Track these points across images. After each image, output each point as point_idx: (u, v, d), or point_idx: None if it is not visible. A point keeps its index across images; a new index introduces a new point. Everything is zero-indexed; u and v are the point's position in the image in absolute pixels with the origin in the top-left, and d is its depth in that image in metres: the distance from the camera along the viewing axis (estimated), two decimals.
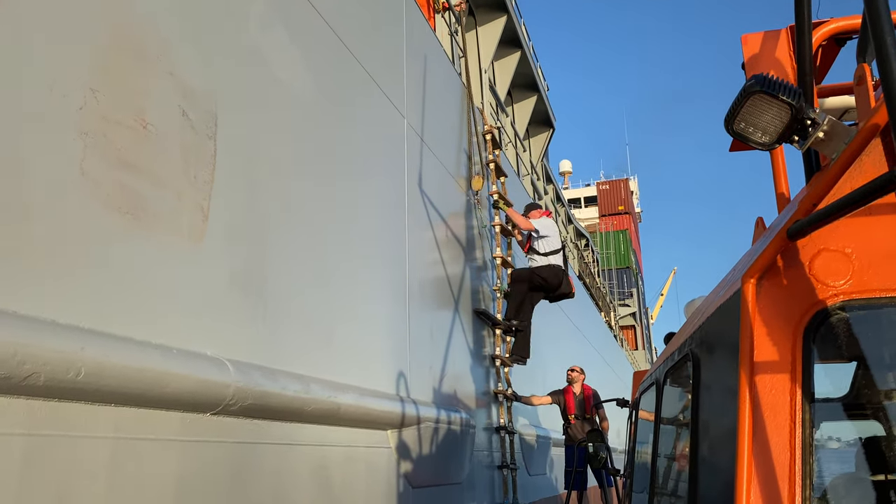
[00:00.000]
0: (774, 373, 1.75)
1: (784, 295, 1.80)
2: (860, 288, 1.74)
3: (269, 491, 3.85)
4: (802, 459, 1.67)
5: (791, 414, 1.71)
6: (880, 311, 1.76)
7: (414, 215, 6.70)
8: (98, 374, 2.64)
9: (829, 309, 1.74)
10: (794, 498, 1.64)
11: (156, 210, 3.25)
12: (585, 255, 28.19)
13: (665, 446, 3.11)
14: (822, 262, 1.77)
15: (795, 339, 1.75)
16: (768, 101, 1.68)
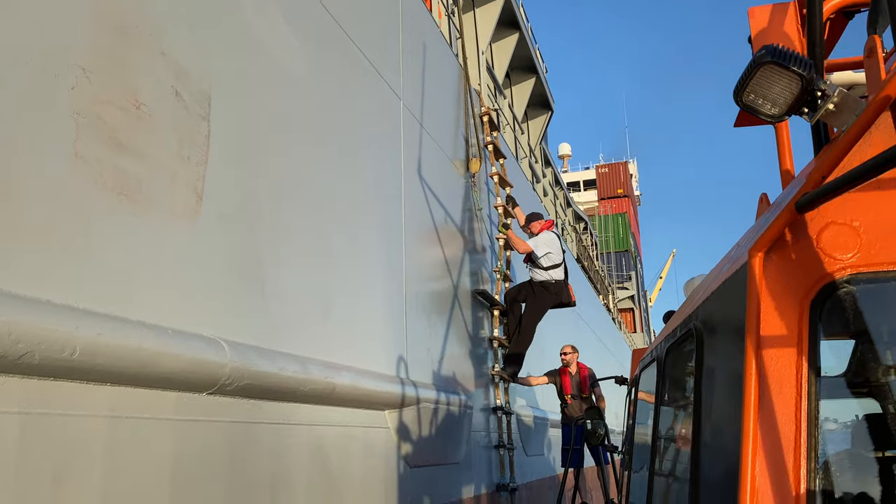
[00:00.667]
0: (781, 346, 1.75)
1: (791, 268, 1.79)
2: (868, 261, 1.74)
3: (266, 470, 3.89)
4: (808, 432, 1.67)
5: (797, 387, 1.71)
6: (888, 285, 1.75)
7: (410, 197, 6.70)
8: (93, 353, 2.66)
9: (836, 282, 1.74)
10: (798, 470, 1.65)
11: (149, 191, 3.25)
12: (584, 239, 28.18)
13: (665, 423, 3.11)
14: (829, 235, 1.76)
15: (802, 312, 1.75)
16: (779, 72, 1.66)
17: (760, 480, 1.67)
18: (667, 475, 3.00)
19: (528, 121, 19.37)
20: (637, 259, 51.07)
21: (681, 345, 2.74)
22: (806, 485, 1.64)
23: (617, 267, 43.14)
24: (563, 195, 25.61)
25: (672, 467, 2.92)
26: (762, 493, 1.66)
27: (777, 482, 1.66)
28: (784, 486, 1.65)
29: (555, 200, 21.91)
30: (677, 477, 2.73)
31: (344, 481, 4.73)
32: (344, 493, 4.72)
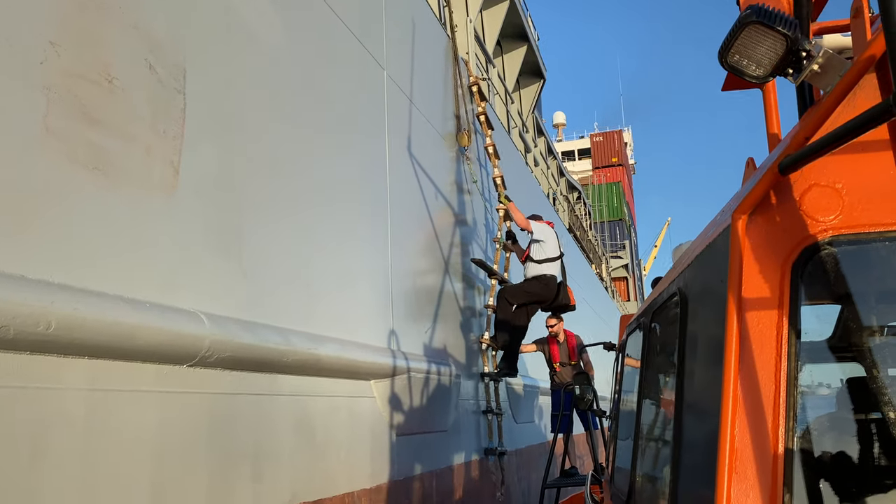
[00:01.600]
0: (762, 308, 1.75)
1: (774, 230, 1.79)
2: (849, 223, 1.74)
3: (251, 441, 3.95)
4: (787, 392, 1.68)
5: (777, 348, 1.71)
6: (869, 246, 1.75)
7: (395, 169, 6.70)
8: (69, 327, 2.69)
9: (818, 244, 1.74)
10: (777, 430, 1.67)
11: (124, 165, 3.26)
12: (577, 209, 28.19)
13: (651, 387, 3.14)
14: (812, 197, 1.76)
15: (784, 273, 1.75)
16: (764, 32, 1.65)
17: (740, 440, 1.69)
18: (651, 438, 3.03)
19: (520, 89, 19.24)
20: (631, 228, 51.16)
21: (666, 309, 2.76)
22: (784, 444, 1.66)
23: (611, 236, 43.23)
24: (557, 165, 25.55)
25: (656, 430, 2.96)
26: (741, 452, 1.68)
27: (756, 442, 1.68)
28: (763, 446, 1.67)
29: (547, 170, 21.86)
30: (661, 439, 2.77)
31: (330, 450, 4.81)
32: (330, 461, 4.80)
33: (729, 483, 1.65)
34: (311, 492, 4.49)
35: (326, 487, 4.68)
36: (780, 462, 1.65)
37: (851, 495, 1.72)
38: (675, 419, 2.26)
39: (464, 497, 7.46)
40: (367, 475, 5.28)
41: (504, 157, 10.77)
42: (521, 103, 19.15)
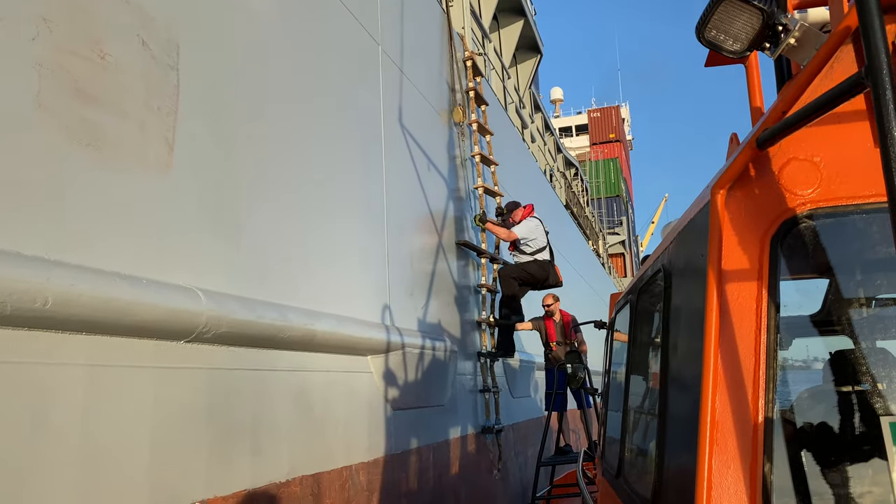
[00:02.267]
0: (742, 281, 1.76)
1: (753, 204, 1.80)
2: (827, 196, 1.75)
3: (249, 414, 3.99)
4: (767, 365, 1.70)
5: (757, 321, 1.73)
6: (846, 219, 1.76)
7: (391, 145, 6.68)
8: (65, 303, 2.71)
9: (796, 217, 1.75)
10: (757, 402, 1.68)
11: (118, 142, 3.26)
12: (574, 185, 28.16)
13: (638, 362, 3.18)
14: (790, 171, 1.77)
15: (763, 247, 1.76)
16: (740, 6, 1.65)
17: (721, 412, 1.71)
18: (639, 412, 3.07)
19: (517, 65, 19.13)
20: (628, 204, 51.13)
21: (651, 286, 2.78)
22: (764, 416, 1.68)
23: (608, 212, 43.23)
24: (554, 141, 25.48)
25: (644, 405, 3.00)
26: (722, 424, 1.70)
27: (737, 414, 1.70)
28: (743, 418, 1.69)
29: (544, 146, 21.80)
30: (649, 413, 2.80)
31: (328, 424, 4.86)
32: (328, 435, 4.85)
33: (710, 455, 1.68)
34: (310, 465, 4.55)
35: (324, 461, 4.75)
36: (760, 434, 1.67)
37: (831, 465, 1.75)
38: (661, 393, 2.30)
39: (461, 471, 7.56)
40: (365, 449, 5.35)
41: (500, 134, 10.75)
42: (518, 79, 19.05)
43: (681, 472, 1.99)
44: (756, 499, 1.63)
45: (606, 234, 39.63)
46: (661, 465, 2.19)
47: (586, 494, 3.78)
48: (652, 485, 2.25)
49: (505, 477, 9.10)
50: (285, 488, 4.23)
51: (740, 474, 1.66)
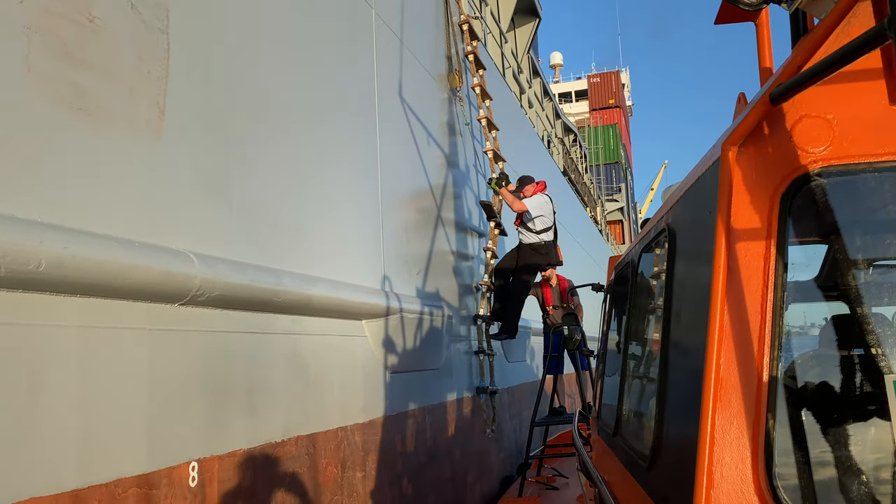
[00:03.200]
0: (750, 239, 1.74)
1: (763, 162, 1.77)
2: (839, 154, 1.72)
3: (244, 376, 4.07)
4: (773, 322, 1.69)
5: (764, 279, 1.71)
6: (859, 177, 1.74)
7: (385, 110, 6.67)
8: (59, 265, 2.75)
9: (807, 175, 1.72)
10: (763, 359, 1.67)
11: (109, 106, 3.27)
12: (572, 151, 28.05)
13: (638, 323, 3.16)
14: (803, 128, 1.73)
15: (773, 204, 1.74)
16: None
17: (725, 369, 1.70)
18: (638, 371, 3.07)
19: (515, 29, 18.91)
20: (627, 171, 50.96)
21: (654, 245, 2.76)
22: (769, 373, 1.68)
23: (606, 179, 43.13)
24: (552, 107, 25.31)
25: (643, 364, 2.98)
26: (727, 381, 1.70)
27: (742, 371, 1.70)
28: (748, 375, 1.69)
29: (542, 112, 21.67)
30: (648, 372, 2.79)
31: (323, 387, 4.95)
32: (324, 397, 4.94)
33: (714, 411, 1.68)
34: (305, 426, 4.64)
35: (320, 422, 4.84)
36: (765, 390, 1.67)
37: (834, 423, 1.74)
38: (662, 351, 2.28)
39: (456, 432, 7.69)
40: (361, 410, 5.44)
41: (497, 99, 10.68)
42: (516, 43, 18.85)
43: (682, 428, 1.99)
44: (758, 454, 1.64)
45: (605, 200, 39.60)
46: (662, 423, 2.19)
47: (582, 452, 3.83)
48: (651, 442, 2.25)
49: (499, 438, 9.26)
50: (281, 448, 4.33)
51: (744, 430, 1.66)
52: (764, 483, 1.63)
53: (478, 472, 8.36)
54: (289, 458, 4.40)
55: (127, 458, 3.14)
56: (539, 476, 8.12)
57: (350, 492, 5.13)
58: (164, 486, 3.32)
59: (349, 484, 5.13)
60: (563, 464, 8.62)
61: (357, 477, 5.26)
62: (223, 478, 3.75)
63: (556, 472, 8.23)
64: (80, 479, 2.87)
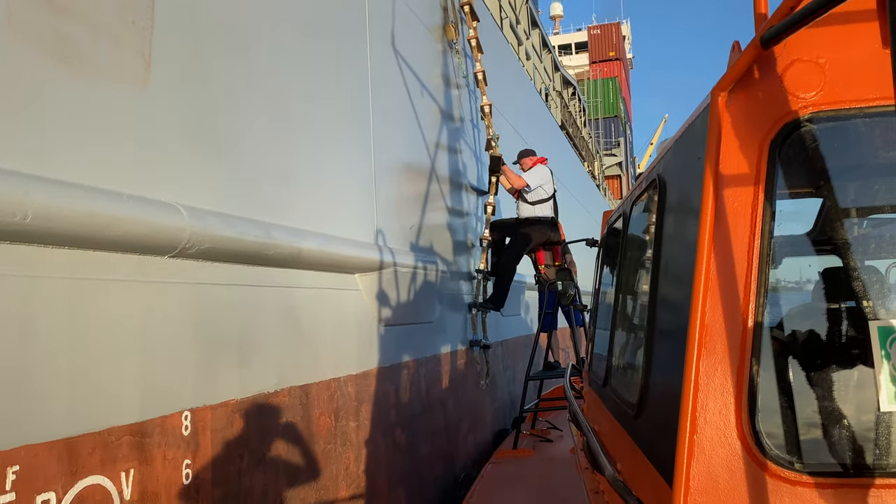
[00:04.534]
0: (739, 185, 1.73)
1: (754, 107, 1.75)
2: (830, 99, 1.69)
3: (236, 328, 4.11)
4: (759, 269, 1.68)
5: (752, 225, 1.71)
6: (849, 123, 1.71)
7: (377, 60, 6.58)
8: (46, 217, 2.75)
9: (797, 120, 1.70)
10: (748, 306, 1.68)
11: (93, 56, 3.22)
12: (571, 105, 27.76)
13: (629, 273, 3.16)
14: (794, 73, 1.71)
15: (762, 150, 1.72)
16: None
17: (710, 315, 1.71)
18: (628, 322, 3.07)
19: None
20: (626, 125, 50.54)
21: (645, 196, 2.75)
22: (754, 320, 1.68)
23: (605, 133, 42.80)
24: (551, 59, 24.94)
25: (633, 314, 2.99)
26: (711, 328, 1.70)
27: (726, 316, 1.70)
28: (733, 322, 1.69)
29: (540, 65, 21.37)
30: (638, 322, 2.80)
31: (316, 339, 5.00)
32: (317, 350, 5.00)
33: (698, 357, 1.69)
34: (298, 377, 4.71)
35: (313, 373, 4.91)
36: (749, 337, 1.67)
37: (817, 369, 1.76)
38: (650, 300, 2.28)
39: (449, 384, 7.81)
40: (354, 362, 5.52)
41: (493, 51, 10.54)
42: None
43: (667, 377, 2.01)
44: (742, 400, 1.66)
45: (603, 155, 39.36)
46: (648, 371, 2.21)
47: (573, 402, 3.89)
48: (638, 391, 2.27)
49: (492, 390, 9.40)
50: (274, 398, 4.40)
51: (728, 377, 1.67)
52: (747, 428, 1.65)
53: (471, 423, 8.52)
54: (282, 408, 4.48)
55: (119, 408, 3.20)
56: (534, 429, 8.26)
57: (343, 441, 5.24)
58: (157, 434, 3.38)
59: (342, 433, 5.23)
60: (557, 417, 8.76)
61: (350, 426, 5.36)
62: (216, 427, 3.83)
63: (551, 424, 8.37)
64: (73, 428, 2.93)
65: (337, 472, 5.11)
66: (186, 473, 3.58)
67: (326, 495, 4.93)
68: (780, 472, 1.62)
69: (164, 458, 3.44)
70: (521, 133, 12.71)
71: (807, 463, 1.63)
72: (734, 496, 1.62)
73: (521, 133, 12.71)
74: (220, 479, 3.84)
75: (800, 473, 1.62)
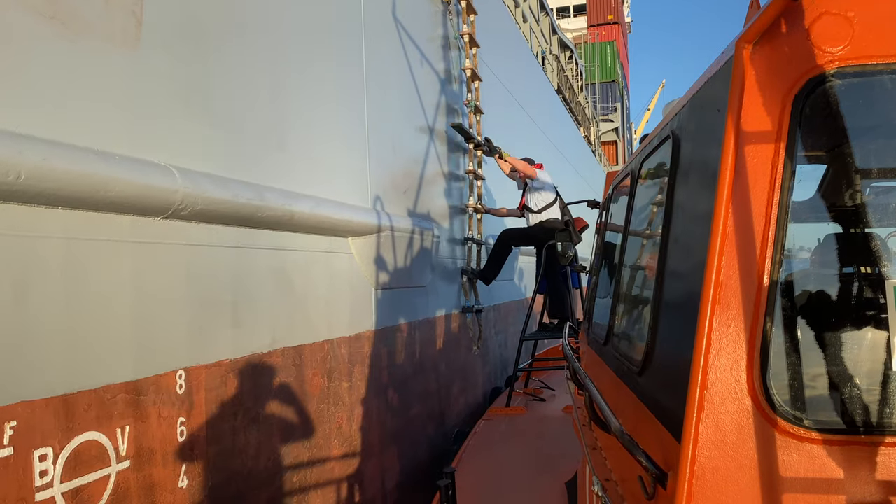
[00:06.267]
0: (760, 142, 1.69)
1: (778, 60, 1.70)
2: (857, 54, 1.64)
3: (229, 289, 4.15)
4: (777, 226, 1.66)
5: (771, 181, 1.67)
6: (875, 79, 1.66)
7: (371, 20, 6.51)
8: (39, 177, 2.77)
9: (823, 75, 1.65)
10: (764, 262, 1.65)
11: (83, 15, 3.20)
12: (568, 69, 27.51)
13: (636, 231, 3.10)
14: (821, 26, 1.65)
15: (785, 105, 1.68)
16: None
17: (726, 271, 1.69)
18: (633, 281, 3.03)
19: None
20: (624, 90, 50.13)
21: (656, 153, 2.69)
22: (770, 277, 1.66)
23: (602, 98, 42.45)
24: (549, 22, 24.64)
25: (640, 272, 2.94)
26: (726, 284, 1.68)
27: (742, 272, 1.68)
28: (748, 278, 1.67)
29: (537, 27, 21.12)
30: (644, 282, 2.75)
31: (309, 301, 5.05)
32: (309, 311, 5.05)
33: (712, 313, 1.67)
34: (291, 338, 4.77)
35: (306, 334, 4.97)
36: (764, 295, 1.66)
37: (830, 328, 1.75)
38: (660, 257, 2.24)
39: (441, 347, 7.90)
40: (346, 324, 5.58)
41: (488, 13, 10.42)
42: None
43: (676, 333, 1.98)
44: (754, 356, 1.65)
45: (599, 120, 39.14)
46: (656, 328, 2.18)
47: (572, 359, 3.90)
48: (644, 347, 2.24)
49: (484, 354, 9.52)
50: (267, 358, 4.47)
51: (741, 333, 1.66)
52: (758, 385, 1.64)
53: (463, 385, 8.64)
54: (275, 369, 4.55)
55: (114, 366, 3.25)
56: (527, 388, 8.38)
57: (336, 401, 5.32)
58: (151, 392, 3.44)
59: (335, 393, 5.32)
60: (550, 377, 8.87)
61: (343, 387, 5.45)
62: (210, 385, 3.89)
63: (544, 384, 8.49)
64: (70, 385, 2.99)
65: (329, 431, 5.21)
66: (181, 431, 3.65)
67: (319, 453, 5.04)
68: (789, 428, 1.62)
69: (159, 416, 3.51)
70: (517, 97, 12.62)
71: (816, 420, 1.63)
72: (743, 451, 1.63)
73: (517, 97, 12.62)
74: (215, 437, 3.92)
75: (809, 430, 1.62)
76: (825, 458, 1.61)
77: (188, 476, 3.69)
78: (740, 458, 1.63)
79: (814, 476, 1.61)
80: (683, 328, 1.86)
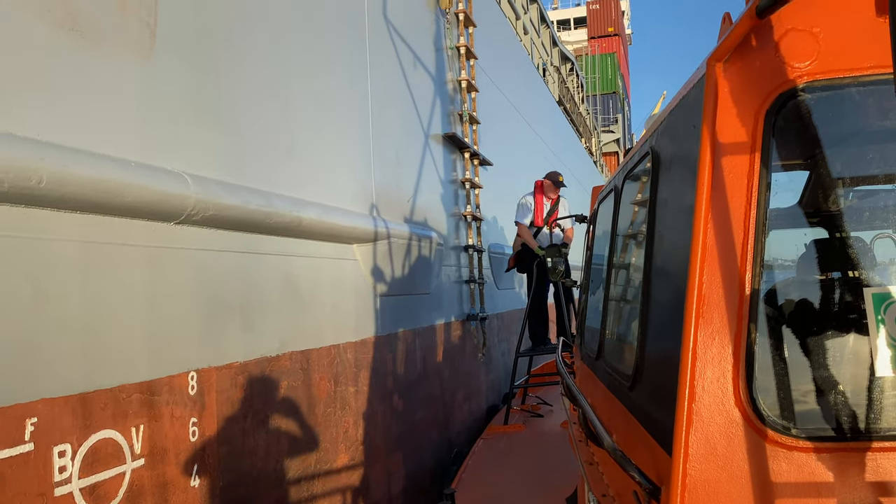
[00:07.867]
0: (735, 154, 1.72)
1: (749, 77, 1.74)
2: (825, 68, 1.69)
3: (239, 293, 4.24)
4: (755, 239, 1.68)
5: (748, 195, 1.70)
6: (844, 92, 1.70)
7: (375, 32, 6.64)
8: (59, 182, 2.87)
9: (793, 90, 1.69)
10: (744, 275, 1.68)
11: (100, 26, 3.31)
12: (569, 81, 27.69)
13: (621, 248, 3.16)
14: (788, 42, 1.70)
15: (757, 121, 1.71)
16: None
17: (708, 284, 1.71)
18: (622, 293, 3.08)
19: None
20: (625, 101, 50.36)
21: (637, 168, 2.75)
22: (750, 289, 1.68)
23: (603, 110, 42.65)
24: (549, 34, 24.82)
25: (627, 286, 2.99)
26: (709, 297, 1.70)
27: (724, 285, 1.70)
28: (730, 291, 1.70)
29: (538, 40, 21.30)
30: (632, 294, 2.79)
31: (315, 307, 5.14)
32: (316, 317, 5.14)
33: (696, 327, 1.69)
34: (299, 343, 4.85)
35: (313, 339, 5.06)
36: (746, 307, 1.68)
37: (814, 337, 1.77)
38: (645, 271, 2.29)
39: (446, 354, 7.97)
40: (352, 329, 5.66)
41: (490, 26, 10.56)
42: None
43: (664, 347, 2.02)
44: (739, 368, 1.67)
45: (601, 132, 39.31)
46: (644, 343, 2.22)
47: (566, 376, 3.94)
48: (634, 362, 2.28)
49: (488, 361, 9.58)
50: (276, 362, 4.55)
51: (725, 345, 1.68)
52: (744, 396, 1.66)
53: (467, 392, 8.70)
54: (284, 372, 4.63)
55: (129, 367, 3.34)
56: (524, 405, 8.38)
57: (343, 405, 5.40)
58: (165, 392, 3.53)
59: (342, 398, 5.40)
60: (547, 392, 8.86)
61: (349, 391, 5.52)
62: (221, 387, 3.97)
63: (541, 400, 8.48)
64: (87, 384, 3.07)
65: (336, 435, 5.28)
66: (193, 431, 3.73)
67: (326, 457, 5.11)
68: (777, 438, 1.64)
69: (172, 416, 3.59)
70: (519, 108, 12.76)
71: (804, 428, 1.64)
72: (733, 463, 1.64)
73: (519, 108, 12.76)
74: (226, 438, 4.00)
75: (797, 439, 1.63)
76: (814, 466, 1.63)
77: (200, 476, 3.76)
78: (731, 470, 1.65)
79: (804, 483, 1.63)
80: (670, 343, 1.89)
